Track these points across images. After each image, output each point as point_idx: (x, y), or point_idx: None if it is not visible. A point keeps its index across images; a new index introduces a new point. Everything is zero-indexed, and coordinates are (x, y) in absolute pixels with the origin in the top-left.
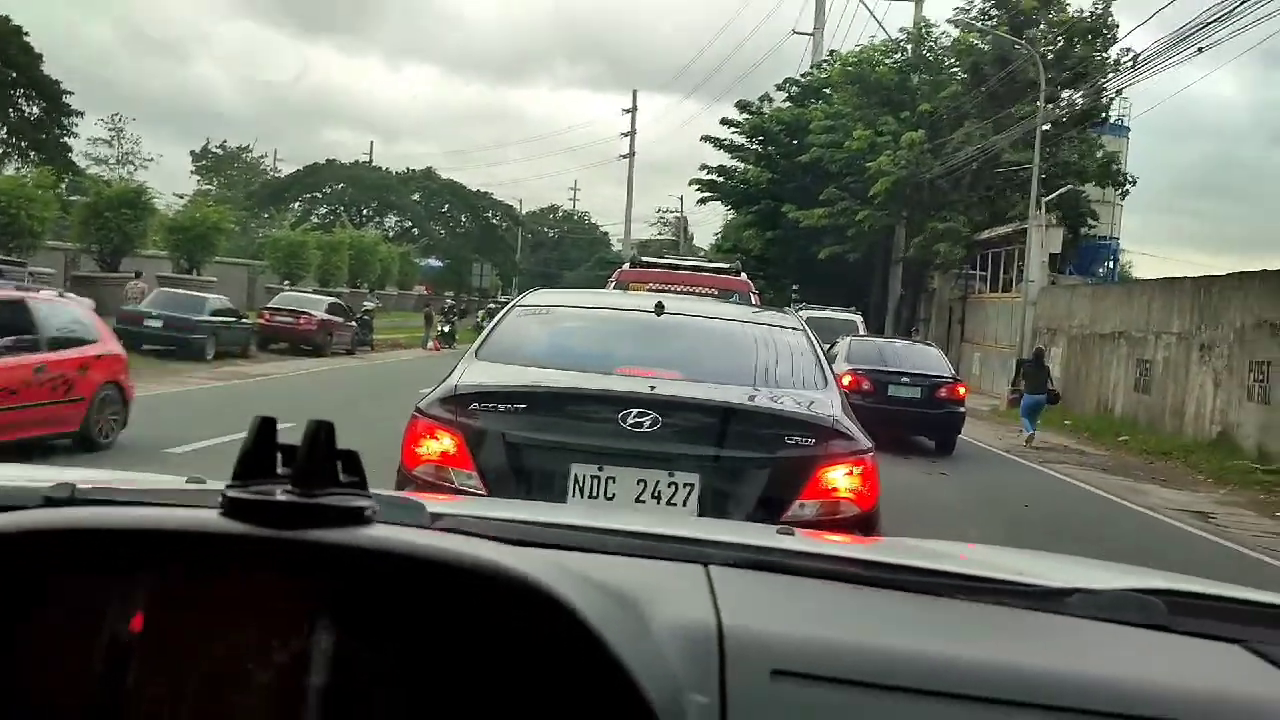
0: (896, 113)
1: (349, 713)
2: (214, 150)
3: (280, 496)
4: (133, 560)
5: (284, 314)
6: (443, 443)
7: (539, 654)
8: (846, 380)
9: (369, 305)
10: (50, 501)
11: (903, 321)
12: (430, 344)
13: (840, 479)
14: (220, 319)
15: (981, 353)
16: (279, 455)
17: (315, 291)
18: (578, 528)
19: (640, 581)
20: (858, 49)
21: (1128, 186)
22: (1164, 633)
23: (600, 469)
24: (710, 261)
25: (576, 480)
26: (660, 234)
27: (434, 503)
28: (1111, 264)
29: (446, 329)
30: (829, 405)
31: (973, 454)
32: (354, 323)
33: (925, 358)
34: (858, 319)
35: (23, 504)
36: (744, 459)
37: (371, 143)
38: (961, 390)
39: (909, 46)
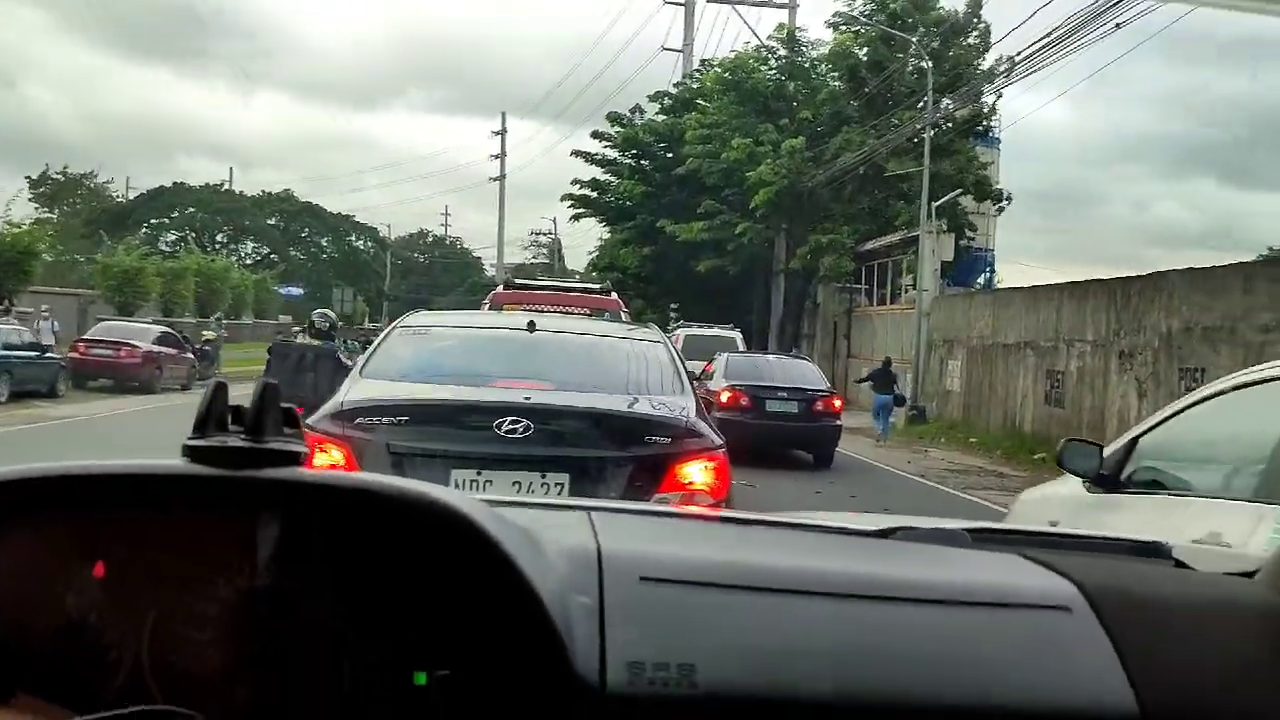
0: (775, 120)
1: (294, 634)
2: (54, 176)
3: (234, 444)
4: (97, 509)
5: (102, 346)
6: (331, 455)
7: (455, 568)
8: (725, 396)
9: (209, 335)
10: None
11: (787, 337)
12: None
13: (695, 473)
14: (16, 353)
15: (869, 367)
16: (230, 414)
17: (155, 322)
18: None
19: (534, 520)
20: (732, 55)
21: (1004, 203)
22: (967, 549)
23: (479, 473)
24: (582, 283)
25: (457, 484)
26: (534, 257)
27: None
28: (988, 276)
29: None
30: (685, 409)
31: (860, 470)
32: (190, 354)
33: (802, 372)
34: (737, 336)
35: None
36: (609, 458)
37: (231, 169)
38: (837, 403)
39: (782, 52)
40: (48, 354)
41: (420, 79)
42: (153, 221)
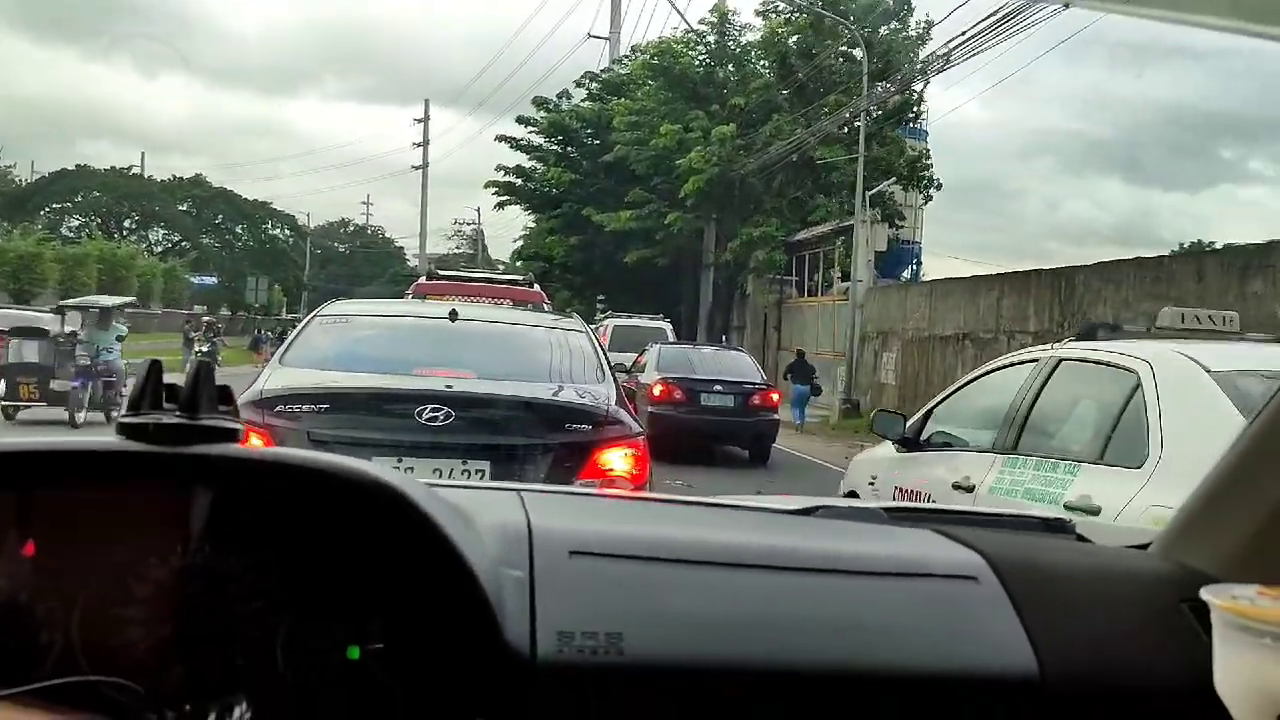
0: (705, 107)
1: (229, 610)
2: None
3: (169, 420)
4: (26, 487)
5: None
6: (251, 442)
7: (388, 544)
8: (658, 390)
9: None
10: None
11: (716, 329)
12: (189, 367)
13: (615, 460)
14: None
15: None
16: (163, 393)
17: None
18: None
19: (467, 499)
20: (659, 40)
21: (932, 191)
22: (882, 524)
23: (400, 461)
24: (506, 273)
25: None
26: (458, 248)
27: None
28: (915, 268)
29: (205, 349)
30: (605, 397)
31: (798, 466)
32: None
33: (737, 364)
34: (667, 327)
35: None
36: (529, 445)
37: (143, 154)
38: (775, 397)
39: (711, 38)
40: None
41: (339, 66)
42: (55, 206)
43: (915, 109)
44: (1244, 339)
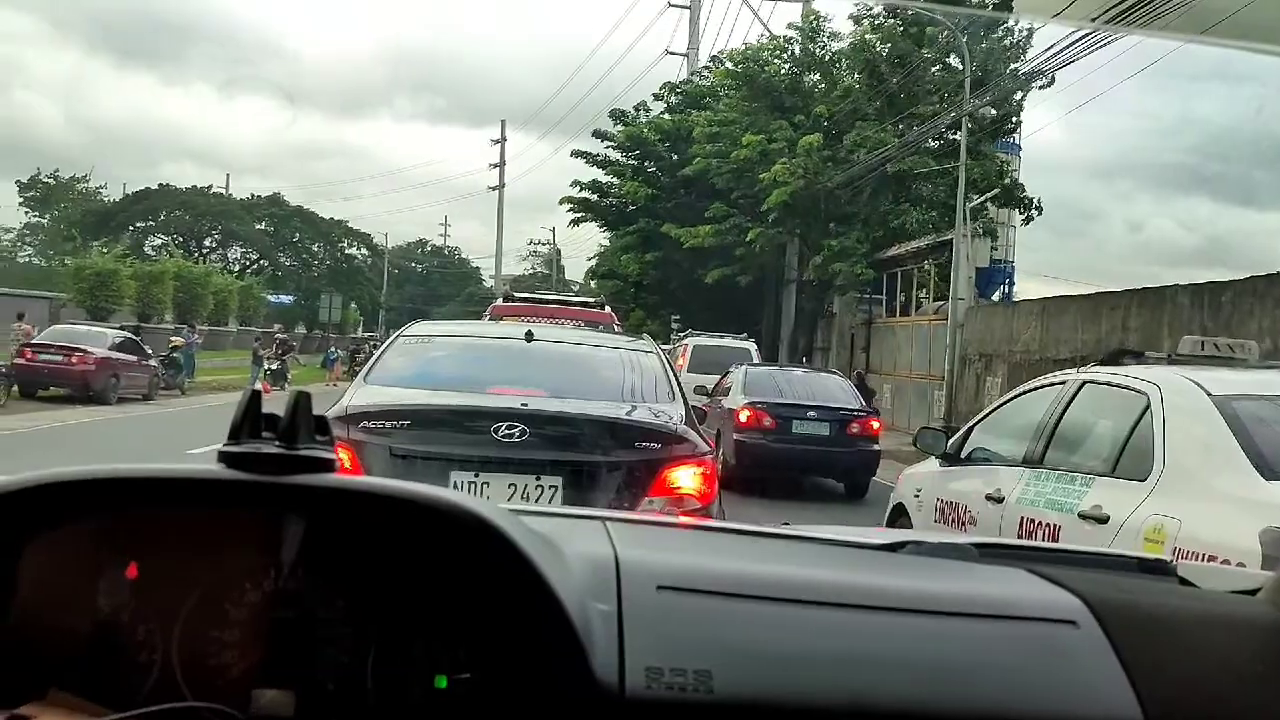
0: (789, 117)
1: (320, 636)
2: (44, 181)
3: (269, 450)
4: (132, 511)
5: (52, 351)
6: (336, 457)
7: (477, 574)
8: (744, 416)
9: (177, 341)
10: None
11: (799, 350)
12: (259, 385)
13: (684, 478)
14: None
15: (893, 383)
16: (264, 421)
17: (121, 326)
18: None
19: (553, 529)
20: (744, 47)
21: (1034, 211)
22: (974, 563)
23: (476, 475)
24: (579, 295)
25: (456, 486)
26: (532, 269)
27: None
28: (1007, 288)
29: (274, 367)
30: (675, 416)
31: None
32: (153, 362)
33: (832, 388)
34: (751, 347)
35: None
36: (600, 463)
37: (227, 175)
38: (875, 425)
39: (796, 45)
40: None
41: (415, 89)
42: (138, 225)
43: (1015, 119)
44: (1269, 367)
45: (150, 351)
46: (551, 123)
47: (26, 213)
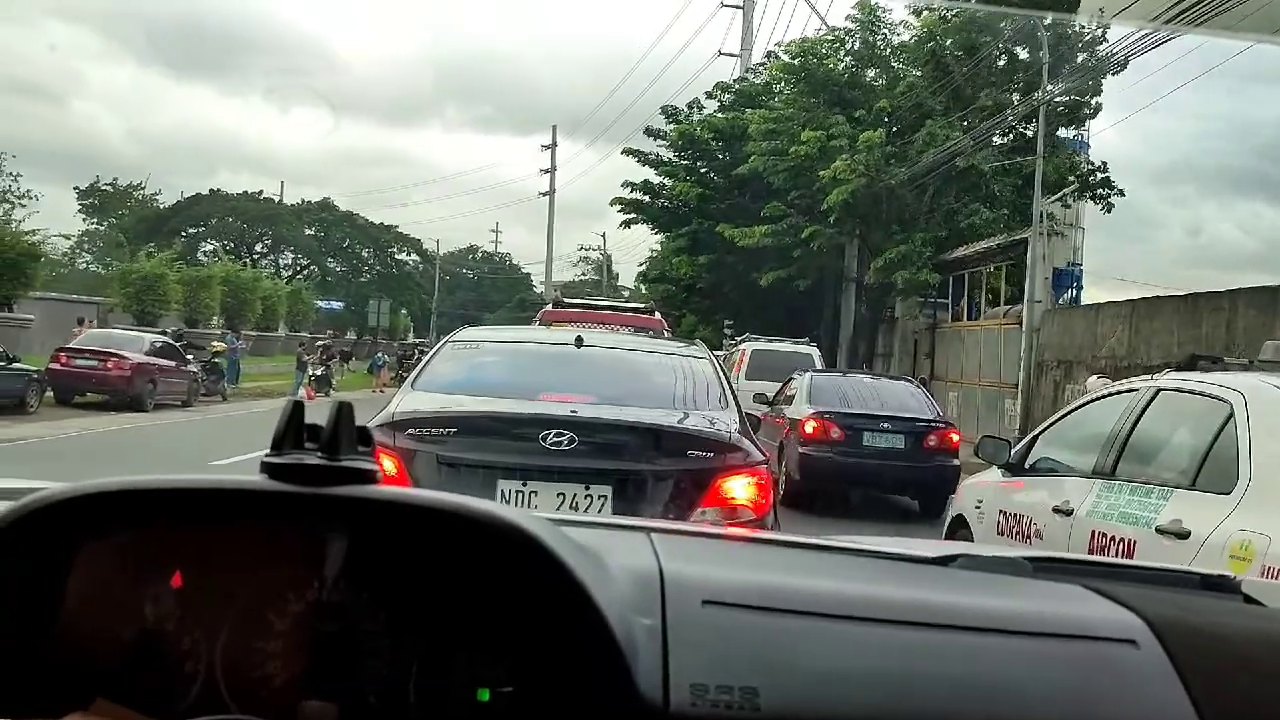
0: (849, 112)
1: (362, 647)
2: (103, 188)
3: (311, 461)
4: (176, 522)
5: (87, 356)
6: (383, 464)
7: (520, 587)
8: (810, 427)
9: (219, 346)
10: None
11: (859, 356)
12: (303, 391)
13: (737, 488)
14: None
15: (961, 391)
16: (306, 432)
17: (161, 331)
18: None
19: (596, 541)
20: (801, 39)
21: (1114, 197)
22: (1028, 578)
23: (524, 484)
24: (629, 301)
25: (503, 495)
26: (583, 274)
27: None
28: (1075, 292)
29: (318, 373)
30: (728, 424)
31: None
32: (194, 368)
33: (903, 397)
34: (814, 352)
35: None
36: (651, 472)
37: (281, 183)
38: (955, 437)
39: (856, 37)
40: (13, 363)
41: (464, 96)
42: (190, 230)
43: (1090, 109)
44: None
45: (190, 357)
46: (602, 127)
47: (85, 220)
